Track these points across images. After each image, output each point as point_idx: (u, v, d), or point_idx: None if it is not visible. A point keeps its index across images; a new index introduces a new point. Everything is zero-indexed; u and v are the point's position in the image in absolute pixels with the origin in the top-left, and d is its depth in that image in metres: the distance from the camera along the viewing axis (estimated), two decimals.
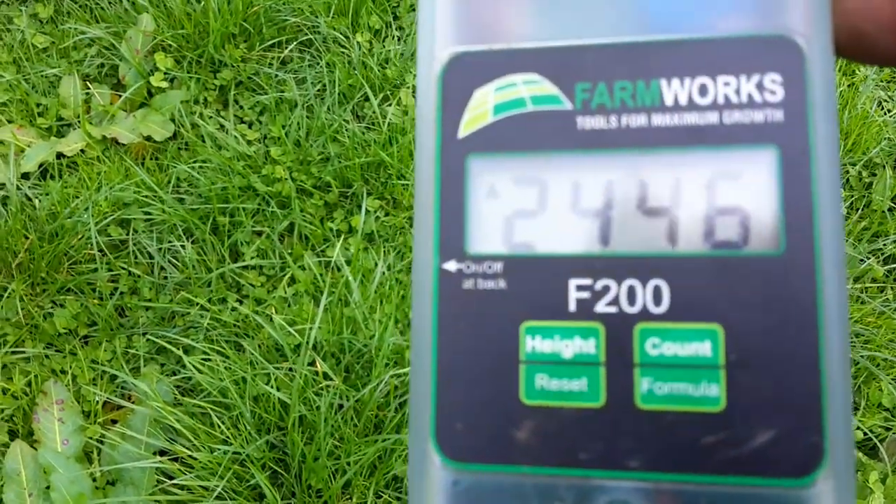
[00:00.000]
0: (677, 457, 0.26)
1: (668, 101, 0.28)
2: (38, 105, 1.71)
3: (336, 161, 1.60)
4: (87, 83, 1.74)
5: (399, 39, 1.80)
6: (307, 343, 1.33)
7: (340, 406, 1.30)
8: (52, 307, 1.46)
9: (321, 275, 1.47)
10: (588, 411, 0.27)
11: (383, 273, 1.46)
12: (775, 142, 0.27)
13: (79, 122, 1.66)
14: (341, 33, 1.77)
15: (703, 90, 0.28)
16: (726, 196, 0.27)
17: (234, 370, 1.33)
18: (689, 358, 0.27)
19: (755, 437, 0.26)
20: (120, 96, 1.72)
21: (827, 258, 0.26)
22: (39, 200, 1.56)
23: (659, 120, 0.28)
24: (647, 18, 0.28)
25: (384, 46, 1.77)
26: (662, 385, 0.27)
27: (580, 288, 0.28)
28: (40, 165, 1.61)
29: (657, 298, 0.27)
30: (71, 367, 1.39)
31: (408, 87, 1.72)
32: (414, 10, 1.84)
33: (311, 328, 1.34)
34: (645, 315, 0.27)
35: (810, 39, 0.27)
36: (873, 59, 0.29)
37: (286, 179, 1.58)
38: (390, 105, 1.69)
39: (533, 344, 0.28)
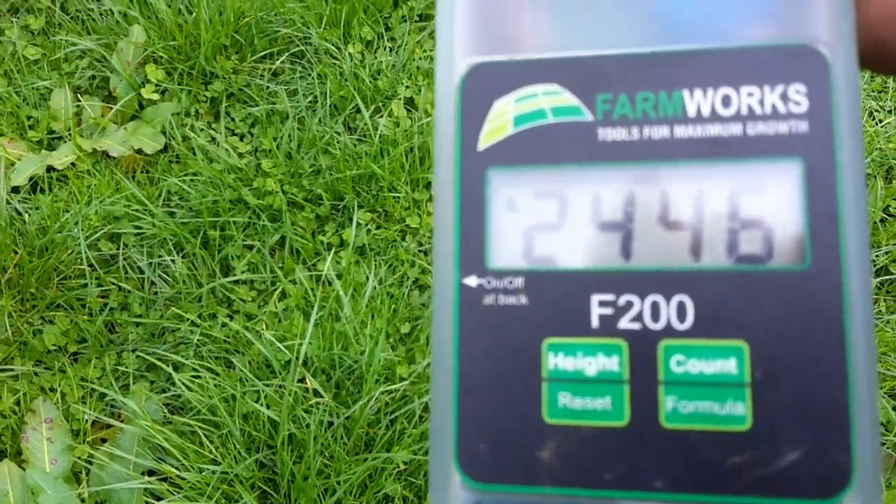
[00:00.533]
0: (702, 477, 0.26)
1: (691, 113, 0.28)
2: (28, 118, 1.70)
3: (327, 173, 1.59)
4: (79, 95, 1.73)
5: (391, 51, 1.79)
6: (297, 359, 1.32)
7: (330, 423, 1.29)
8: (41, 323, 1.46)
9: (312, 289, 1.46)
10: (612, 430, 0.27)
11: (374, 287, 1.45)
12: (800, 154, 0.27)
13: (69, 134, 1.66)
14: (333, 44, 1.77)
15: (726, 101, 0.27)
16: (750, 209, 0.27)
17: (223, 387, 1.32)
18: (714, 375, 0.26)
19: (782, 457, 0.25)
20: (111, 108, 1.72)
21: (853, 272, 0.26)
22: (29, 215, 1.55)
23: (681, 131, 0.28)
24: (668, 28, 0.28)
25: (376, 58, 1.77)
26: (687, 403, 0.26)
27: (603, 304, 0.27)
28: (30, 179, 1.61)
29: (681, 314, 0.27)
30: (60, 385, 1.39)
31: (399, 99, 1.71)
32: (405, 21, 1.83)
33: (300, 344, 1.33)
34: (669, 331, 0.27)
35: (834, 49, 0.27)
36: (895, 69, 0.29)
37: (277, 192, 1.58)
38: (382, 117, 1.68)
39: (555, 361, 0.27)
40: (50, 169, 1.62)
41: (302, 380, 1.31)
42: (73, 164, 1.64)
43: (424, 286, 1.49)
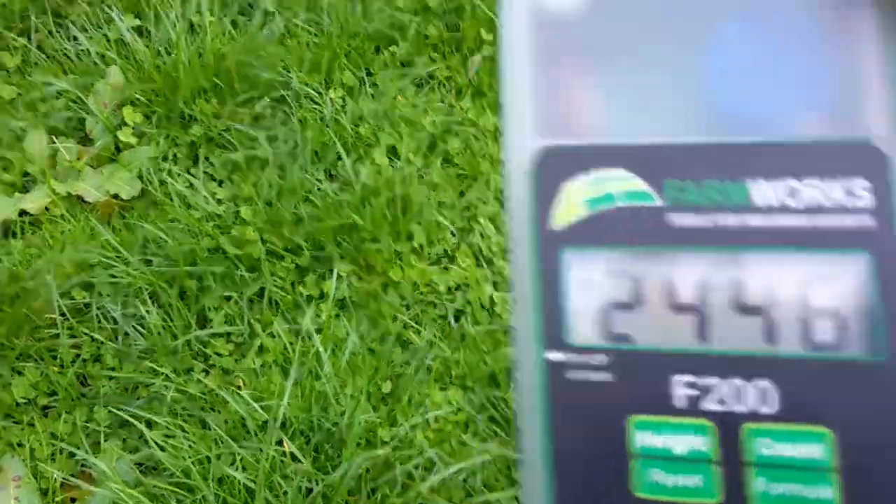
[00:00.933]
0: None
1: (758, 202, 0.28)
2: (2, 159, 1.66)
3: (308, 223, 1.57)
4: (54, 137, 1.70)
5: (373, 97, 1.78)
6: (275, 420, 1.29)
7: (309, 490, 1.26)
8: (10, 375, 1.42)
9: (291, 343, 1.43)
10: None
11: (355, 343, 1.43)
12: (868, 248, 0.27)
13: (44, 177, 1.62)
14: (314, 89, 1.75)
15: (792, 193, 0.28)
16: (822, 299, 0.27)
17: (197, 448, 1.29)
18: (801, 460, 0.27)
19: None
20: (87, 150, 1.68)
21: None
22: (0, 262, 1.51)
23: (748, 220, 0.28)
24: (731, 120, 0.29)
25: (357, 104, 1.75)
26: (777, 486, 0.27)
27: (686, 385, 0.28)
28: (2, 223, 1.57)
29: (764, 398, 0.27)
30: (29, 440, 1.35)
31: (381, 147, 1.69)
32: (387, 67, 1.82)
33: (279, 404, 1.30)
34: (754, 415, 0.27)
35: (892, 144, 0.27)
36: None
37: (256, 241, 1.55)
38: (363, 165, 1.66)
39: (642, 438, 0.28)
40: (23, 213, 1.58)
41: (280, 442, 1.28)
42: (46, 208, 1.60)
43: (407, 342, 1.47)
